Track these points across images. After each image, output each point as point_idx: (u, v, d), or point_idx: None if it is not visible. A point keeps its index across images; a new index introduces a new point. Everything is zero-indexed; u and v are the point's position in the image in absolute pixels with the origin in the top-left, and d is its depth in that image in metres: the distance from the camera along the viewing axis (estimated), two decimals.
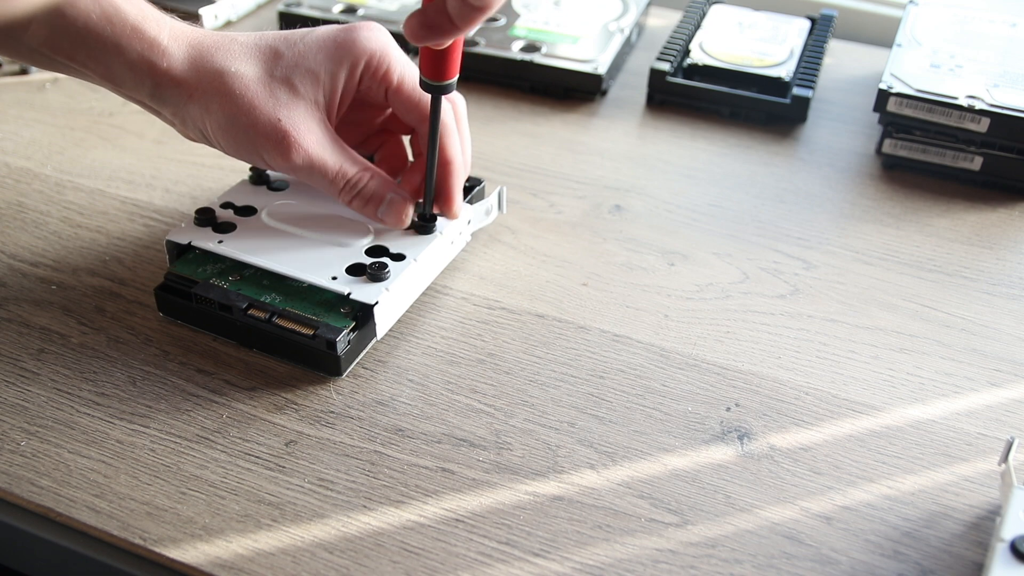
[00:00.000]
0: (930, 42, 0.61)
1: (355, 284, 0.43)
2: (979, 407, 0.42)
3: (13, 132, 0.58)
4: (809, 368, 0.44)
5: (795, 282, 0.49)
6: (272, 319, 0.42)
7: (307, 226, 0.46)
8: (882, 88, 0.56)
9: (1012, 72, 0.58)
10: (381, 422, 0.41)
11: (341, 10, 0.68)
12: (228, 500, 0.37)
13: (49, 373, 0.42)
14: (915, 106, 0.56)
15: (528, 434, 0.40)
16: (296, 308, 0.42)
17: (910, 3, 0.66)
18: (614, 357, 0.44)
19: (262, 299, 0.43)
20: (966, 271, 0.51)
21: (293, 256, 0.44)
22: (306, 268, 0.43)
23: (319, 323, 0.42)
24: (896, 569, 0.36)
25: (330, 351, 0.41)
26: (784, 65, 0.64)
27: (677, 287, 0.49)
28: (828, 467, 0.39)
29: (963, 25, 0.64)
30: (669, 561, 0.36)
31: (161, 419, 0.40)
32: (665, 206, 0.55)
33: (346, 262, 0.44)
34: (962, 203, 0.56)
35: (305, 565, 0.35)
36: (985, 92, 0.56)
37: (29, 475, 0.38)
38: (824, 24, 0.69)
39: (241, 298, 0.43)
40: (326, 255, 0.44)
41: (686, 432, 0.41)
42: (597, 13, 0.69)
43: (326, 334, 0.41)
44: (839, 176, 0.58)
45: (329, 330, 0.41)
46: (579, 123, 0.62)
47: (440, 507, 0.37)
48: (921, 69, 0.58)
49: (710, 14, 0.70)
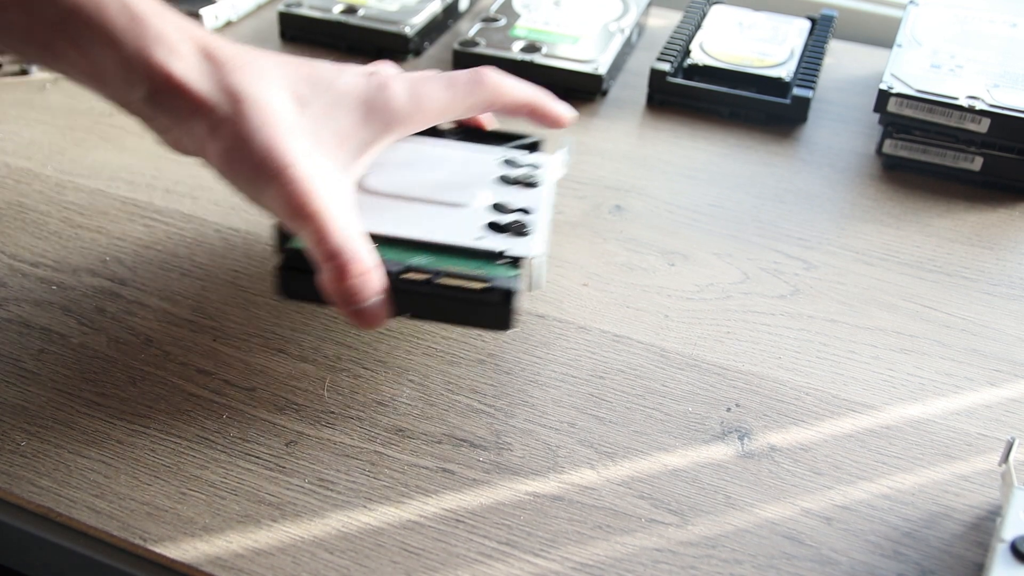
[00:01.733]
0: (930, 42, 0.61)
1: (504, 240, 0.42)
2: (979, 407, 0.42)
3: (13, 132, 0.58)
4: (809, 368, 0.44)
5: (795, 282, 0.49)
6: (435, 279, 0.40)
7: (415, 192, 0.44)
8: (882, 88, 0.56)
9: (1012, 72, 0.58)
10: (381, 422, 0.41)
11: (341, 10, 0.68)
12: (228, 500, 0.37)
13: (49, 373, 0.42)
14: (915, 106, 0.56)
15: (528, 434, 0.40)
16: (454, 267, 0.40)
17: (910, 3, 0.66)
18: (614, 357, 0.44)
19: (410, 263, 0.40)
20: (966, 271, 0.51)
21: (424, 222, 0.42)
22: (447, 232, 0.42)
23: (489, 276, 0.40)
24: (896, 569, 0.36)
25: (506, 303, 0.40)
26: (784, 65, 0.64)
27: (677, 287, 0.49)
28: (828, 467, 0.39)
29: (963, 25, 0.64)
30: (669, 561, 0.36)
31: (161, 419, 0.40)
32: (665, 206, 0.55)
33: (479, 221, 0.43)
34: (962, 203, 0.56)
35: (305, 565, 0.35)
36: (985, 92, 0.56)
37: (29, 475, 0.38)
38: (824, 24, 0.69)
39: (392, 263, 0.40)
40: (455, 217, 0.43)
41: (686, 432, 0.41)
42: (597, 13, 0.69)
43: (503, 285, 0.40)
44: (839, 176, 0.58)
45: (504, 281, 0.40)
46: (579, 123, 0.62)
47: (440, 507, 0.37)
48: (921, 69, 0.58)
49: (710, 14, 0.70)
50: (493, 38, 0.65)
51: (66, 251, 0.49)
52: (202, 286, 0.47)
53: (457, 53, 0.65)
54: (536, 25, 0.67)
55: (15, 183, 0.54)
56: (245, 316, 0.46)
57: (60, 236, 0.50)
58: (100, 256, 0.49)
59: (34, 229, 0.50)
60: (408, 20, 0.67)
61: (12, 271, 0.48)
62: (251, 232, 0.51)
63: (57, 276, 0.47)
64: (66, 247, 0.49)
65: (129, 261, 0.49)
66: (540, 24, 0.67)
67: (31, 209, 0.52)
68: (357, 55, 0.68)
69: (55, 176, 0.55)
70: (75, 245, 0.49)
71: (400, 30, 0.66)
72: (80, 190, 0.53)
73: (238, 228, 0.51)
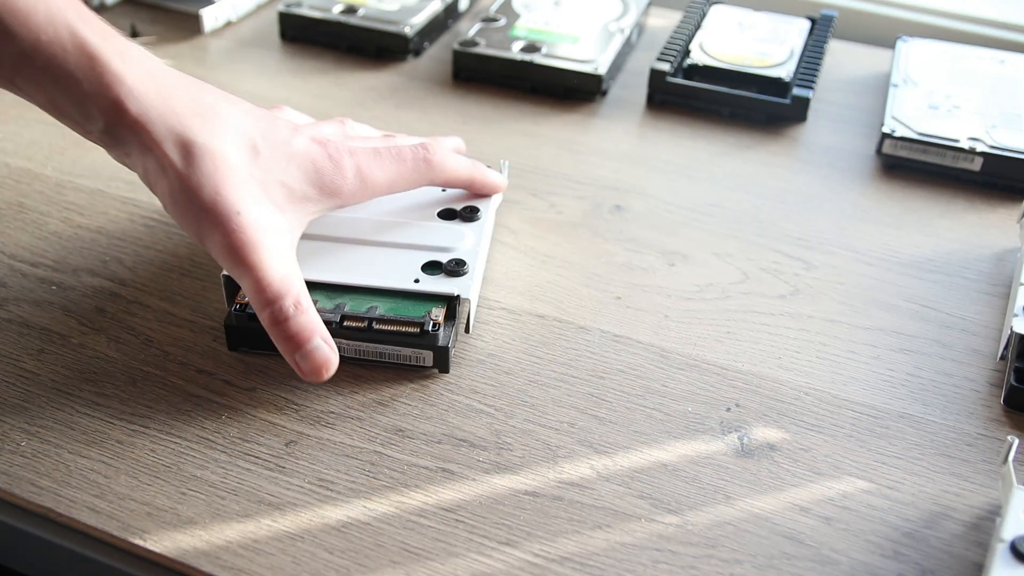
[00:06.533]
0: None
1: (436, 281, 0.43)
2: (979, 407, 0.42)
3: (13, 132, 0.58)
4: (809, 368, 0.44)
5: (795, 282, 0.49)
6: (372, 326, 0.41)
7: (352, 233, 0.45)
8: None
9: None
10: (381, 422, 0.41)
11: (341, 10, 0.68)
12: (228, 500, 0.37)
13: (49, 373, 0.42)
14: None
15: (528, 434, 0.40)
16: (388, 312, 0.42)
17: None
18: (614, 357, 0.44)
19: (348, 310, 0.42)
20: (966, 271, 0.51)
21: (360, 266, 0.43)
22: (384, 275, 0.43)
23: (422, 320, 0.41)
24: (896, 569, 0.36)
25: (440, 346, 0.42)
26: (784, 65, 0.64)
27: (677, 287, 0.49)
28: (828, 467, 0.39)
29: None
30: (669, 561, 0.36)
31: (161, 419, 0.40)
32: (665, 206, 0.55)
33: (416, 261, 0.44)
34: (962, 203, 0.56)
35: (305, 565, 0.35)
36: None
37: (29, 475, 0.38)
38: (824, 24, 0.69)
39: (332, 312, 0.42)
40: (392, 258, 0.44)
41: (686, 432, 0.41)
42: (597, 13, 0.69)
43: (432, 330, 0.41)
44: (839, 176, 0.58)
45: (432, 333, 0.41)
46: (579, 123, 0.62)
47: (440, 507, 0.37)
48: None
49: (710, 14, 0.70)
50: (493, 38, 0.66)
51: (66, 251, 0.49)
52: (202, 286, 0.47)
53: (457, 53, 0.65)
54: (536, 25, 0.67)
55: (15, 183, 0.54)
56: None
57: (60, 236, 0.50)
58: (100, 256, 0.49)
59: (34, 229, 0.50)
60: (408, 20, 0.67)
61: (12, 271, 0.48)
62: None
63: (57, 276, 0.47)
64: (66, 247, 0.49)
65: (129, 261, 0.49)
66: (540, 24, 0.67)
67: (31, 209, 0.52)
68: (357, 55, 0.68)
69: (55, 176, 0.55)
70: (75, 245, 0.49)
71: (400, 30, 0.66)
72: (80, 190, 0.53)
73: None
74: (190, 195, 0.38)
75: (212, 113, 0.40)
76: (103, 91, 0.37)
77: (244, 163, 0.40)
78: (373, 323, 0.41)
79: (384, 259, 0.44)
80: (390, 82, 0.65)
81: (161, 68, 0.40)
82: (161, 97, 0.39)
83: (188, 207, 0.39)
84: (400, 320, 0.41)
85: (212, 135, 0.39)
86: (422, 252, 0.44)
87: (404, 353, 0.42)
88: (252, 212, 0.39)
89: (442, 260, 0.44)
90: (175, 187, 0.39)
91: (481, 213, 0.47)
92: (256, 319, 0.40)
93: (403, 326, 0.41)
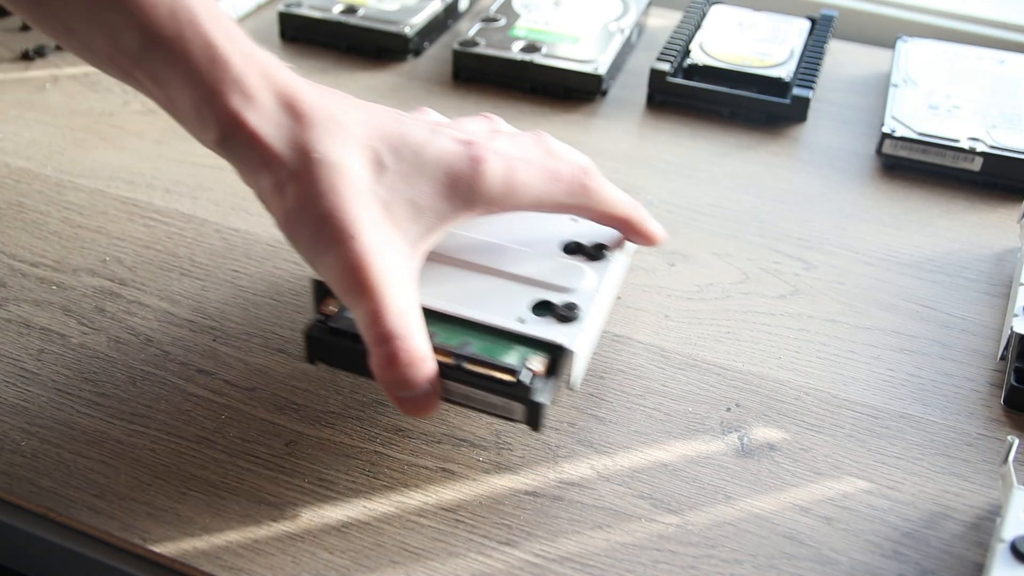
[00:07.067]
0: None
1: (543, 325, 0.37)
2: (979, 407, 0.42)
3: (13, 132, 0.58)
4: (809, 368, 0.44)
5: (795, 282, 0.49)
6: (461, 364, 0.35)
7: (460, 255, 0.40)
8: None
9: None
10: (381, 422, 0.41)
11: (341, 10, 0.68)
12: (228, 500, 0.37)
13: (49, 373, 0.42)
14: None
15: (528, 434, 0.40)
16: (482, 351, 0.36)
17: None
18: (614, 357, 0.44)
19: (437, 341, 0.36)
20: (966, 271, 0.51)
21: (460, 293, 0.38)
22: (486, 308, 0.37)
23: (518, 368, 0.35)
24: (896, 569, 0.36)
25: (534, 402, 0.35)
26: (784, 65, 0.64)
27: (677, 287, 0.49)
28: (828, 467, 0.39)
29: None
30: (669, 561, 0.36)
31: (161, 419, 0.40)
32: (665, 206, 0.55)
33: (525, 299, 0.38)
34: (962, 203, 0.56)
35: (305, 565, 0.35)
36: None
37: (29, 475, 0.38)
38: (824, 24, 0.69)
39: None
40: (502, 289, 0.39)
41: (686, 432, 0.41)
42: (597, 13, 0.69)
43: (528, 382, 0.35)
44: (839, 176, 0.58)
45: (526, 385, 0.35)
46: (579, 123, 0.62)
47: (440, 507, 0.37)
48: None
49: (710, 14, 0.70)
50: (493, 38, 0.66)
51: (66, 251, 0.49)
52: (202, 286, 0.47)
53: (457, 53, 0.65)
54: (536, 25, 0.67)
55: (15, 183, 0.54)
56: (245, 316, 0.46)
57: (60, 236, 0.50)
58: (100, 256, 0.49)
59: (34, 229, 0.50)
60: (408, 20, 0.67)
61: (12, 271, 0.48)
62: (251, 232, 0.51)
63: (57, 276, 0.47)
64: (66, 247, 0.49)
65: (129, 261, 0.49)
66: (540, 24, 0.67)
67: (31, 209, 0.52)
68: (357, 55, 0.68)
69: (55, 176, 0.55)
70: (75, 245, 0.49)
71: (400, 30, 0.66)
72: (80, 190, 0.53)
73: (238, 228, 0.51)
74: (307, 213, 0.34)
75: (336, 122, 0.36)
76: (219, 99, 0.34)
77: (368, 178, 0.35)
78: (464, 362, 0.36)
79: (490, 289, 0.39)
80: (390, 82, 0.65)
81: (283, 73, 0.36)
82: (281, 106, 0.35)
83: (303, 227, 0.35)
84: (493, 364, 0.35)
85: (335, 147, 0.35)
86: (534, 289, 0.39)
87: (493, 401, 0.36)
88: (371, 234, 0.34)
89: (555, 301, 0.38)
90: (291, 205, 0.35)
91: (611, 253, 0.41)
92: (339, 334, 0.36)
93: (496, 371, 0.35)
